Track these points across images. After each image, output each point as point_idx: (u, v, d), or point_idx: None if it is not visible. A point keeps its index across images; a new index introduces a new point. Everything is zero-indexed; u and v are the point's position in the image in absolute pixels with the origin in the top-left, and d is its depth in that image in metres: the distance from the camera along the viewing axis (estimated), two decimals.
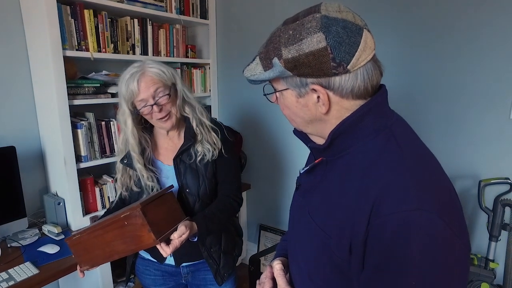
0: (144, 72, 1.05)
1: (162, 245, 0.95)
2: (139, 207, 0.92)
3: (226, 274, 1.23)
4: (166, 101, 1.08)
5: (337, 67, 0.54)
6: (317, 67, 0.54)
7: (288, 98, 0.62)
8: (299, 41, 0.54)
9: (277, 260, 0.77)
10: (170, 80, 1.09)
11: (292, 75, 0.57)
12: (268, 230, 2.46)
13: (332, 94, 0.57)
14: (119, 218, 0.95)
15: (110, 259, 1.01)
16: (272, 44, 0.57)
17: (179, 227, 0.99)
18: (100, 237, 0.99)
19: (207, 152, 1.13)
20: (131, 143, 1.11)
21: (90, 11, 1.63)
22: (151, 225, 0.92)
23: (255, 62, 0.62)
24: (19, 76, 1.63)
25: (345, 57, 0.53)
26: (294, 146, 2.22)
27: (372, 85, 0.58)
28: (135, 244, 0.96)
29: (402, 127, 0.62)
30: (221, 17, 2.38)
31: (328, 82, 0.56)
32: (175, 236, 0.96)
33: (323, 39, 0.53)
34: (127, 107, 1.07)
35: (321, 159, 0.66)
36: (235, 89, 2.42)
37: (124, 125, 1.10)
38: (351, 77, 0.55)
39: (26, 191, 1.59)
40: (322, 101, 0.58)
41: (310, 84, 0.57)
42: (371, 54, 0.56)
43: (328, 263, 0.61)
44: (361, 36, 0.54)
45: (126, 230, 0.95)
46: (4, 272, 1.28)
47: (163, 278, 1.24)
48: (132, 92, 1.04)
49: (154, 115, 1.08)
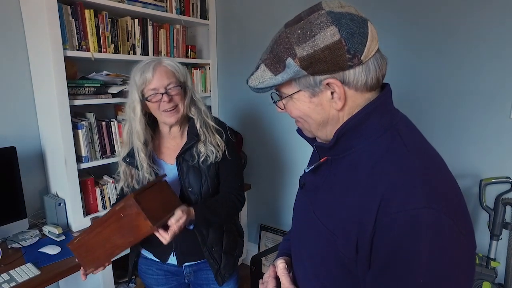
0: (160, 62, 1.09)
1: (160, 231, 0.95)
2: (132, 196, 0.91)
3: (227, 275, 1.23)
4: (177, 93, 1.09)
5: (352, 59, 0.54)
6: (333, 61, 0.54)
7: (300, 100, 0.61)
8: (312, 37, 0.53)
9: (280, 259, 0.77)
10: (182, 77, 1.12)
11: (306, 75, 0.57)
12: (268, 231, 2.46)
13: (347, 88, 0.57)
14: (114, 212, 0.95)
15: (112, 256, 1.01)
16: (282, 46, 0.56)
17: (175, 212, 0.98)
18: (100, 235, 0.99)
19: (210, 153, 1.13)
20: (137, 130, 1.10)
21: (90, 11, 1.63)
22: (146, 212, 0.92)
23: (261, 70, 0.60)
24: (19, 77, 1.62)
25: (358, 48, 0.53)
26: (295, 145, 2.22)
27: (382, 75, 0.59)
28: (134, 235, 0.95)
29: (408, 125, 0.62)
30: (221, 17, 2.38)
31: (343, 76, 0.56)
32: (173, 221, 0.96)
33: (337, 32, 0.53)
34: (138, 94, 1.08)
35: (326, 158, 0.66)
36: (235, 89, 2.42)
37: (132, 113, 1.10)
38: (364, 68, 0.56)
39: (27, 191, 1.58)
40: (338, 96, 0.57)
41: (324, 80, 0.57)
42: (377, 44, 0.57)
43: (334, 261, 0.61)
44: (367, 27, 0.55)
45: (124, 222, 0.94)
46: (5, 273, 1.27)
47: (165, 277, 1.24)
48: (146, 79, 1.06)
49: (162, 105, 1.08)
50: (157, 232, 0.95)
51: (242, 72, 2.35)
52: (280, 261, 0.75)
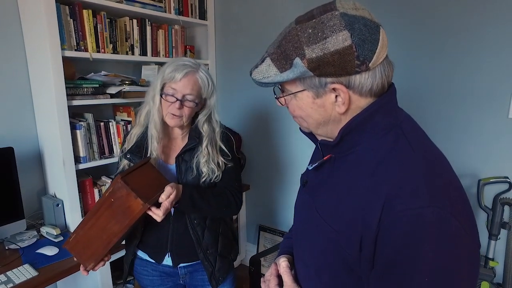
0: (196, 72, 1.10)
1: (152, 209, 0.95)
2: (119, 178, 0.92)
3: (221, 278, 1.22)
4: (190, 106, 1.11)
5: (360, 65, 0.53)
6: (341, 66, 0.53)
7: (303, 100, 0.60)
8: (323, 39, 0.53)
9: (283, 257, 0.77)
10: (207, 94, 1.14)
11: (312, 76, 0.56)
12: (267, 231, 2.45)
13: (352, 93, 0.57)
14: (105, 198, 0.95)
15: (110, 244, 1.00)
16: (291, 44, 0.55)
17: (165, 188, 0.99)
18: (94, 226, 0.98)
19: (211, 173, 1.14)
20: (155, 119, 1.12)
21: (89, 11, 1.62)
22: (136, 192, 0.92)
23: (266, 64, 0.59)
24: (17, 76, 1.61)
25: (368, 55, 0.53)
26: (293, 146, 2.22)
27: (388, 82, 0.58)
28: (128, 217, 0.94)
29: (412, 125, 0.62)
30: (220, 18, 2.37)
31: (348, 81, 0.55)
32: (163, 197, 0.97)
33: (349, 37, 0.52)
34: (160, 85, 1.10)
35: (330, 156, 0.66)
36: (234, 90, 2.42)
37: (152, 101, 1.12)
38: (370, 75, 0.55)
39: (24, 192, 1.57)
40: (342, 101, 0.57)
41: (329, 84, 0.56)
42: (386, 51, 0.56)
43: (336, 260, 0.60)
44: (379, 33, 0.54)
45: (116, 206, 0.94)
46: (2, 275, 1.26)
47: (161, 278, 1.23)
48: (174, 78, 1.07)
49: (171, 108, 1.09)
50: (149, 210, 0.95)
51: (240, 73, 2.35)
52: (283, 259, 0.75)
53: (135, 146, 1.16)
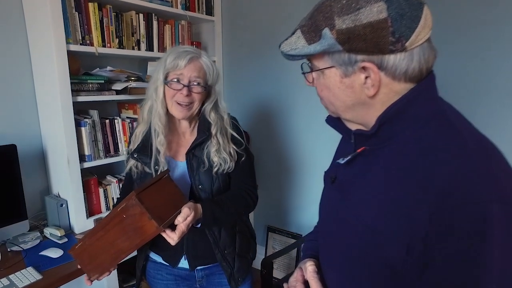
0: (198, 57, 1.06)
1: (167, 231, 0.89)
2: (134, 195, 0.85)
3: (240, 278, 1.16)
4: (198, 92, 1.06)
5: (395, 43, 0.48)
6: (373, 42, 0.49)
7: (330, 78, 0.56)
8: (356, 10, 0.48)
9: (309, 261, 0.71)
10: (212, 80, 1.10)
11: (341, 50, 0.52)
12: (276, 232, 2.39)
13: (384, 74, 0.52)
14: (116, 213, 0.88)
15: (117, 260, 0.94)
16: (322, 14, 0.51)
17: (182, 209, 0.92)
18: (103, 239, 0.92)
19: (223, 162, 1.08)
20: (159, 112, 1.07)
21: (94, 4, 1.57)
22: (150, 212, 0.85)
23: (296, 36, 0.56)
24: (20, 72, 1.56)
25: (405, 32, 0.48)
26: (304, 144, 2.16)
27: (427, 68, 0.53)
28: (139, 237, 0.88)
29: (456, 113, 0.58)
30: (227, 14, 2.32)
31: (381, 61, 0.51)
32: (180, 219, 0.90)
33: (385, 9, 0.47)
34: (163, 75, 1.05)
35: (364, 149, 0.60)
36: (242, 87, 2.36)
37: (155, 93, 1.07)
38: (406, 56, 0.50)
39: (27, 192, 1.51)
40: (372, 82, 0.52)
41: (360, 62, 0.51)
42: (429, 33, 0.51)
43: (374, 263, 0.55)
44: (422, 11, 0.49)
45: (127, 224, 0.88)
46: (4, 278, 1.20)
47: (176, 282, 1.17)
48: (177, 65, 1.03)
49: (178, 96, 1.04)
50: (164, 232, 0.89)
51: (248, 70, 2.30)
52: (309, 263, 0.69)
53: (142, 145, 1.10)
